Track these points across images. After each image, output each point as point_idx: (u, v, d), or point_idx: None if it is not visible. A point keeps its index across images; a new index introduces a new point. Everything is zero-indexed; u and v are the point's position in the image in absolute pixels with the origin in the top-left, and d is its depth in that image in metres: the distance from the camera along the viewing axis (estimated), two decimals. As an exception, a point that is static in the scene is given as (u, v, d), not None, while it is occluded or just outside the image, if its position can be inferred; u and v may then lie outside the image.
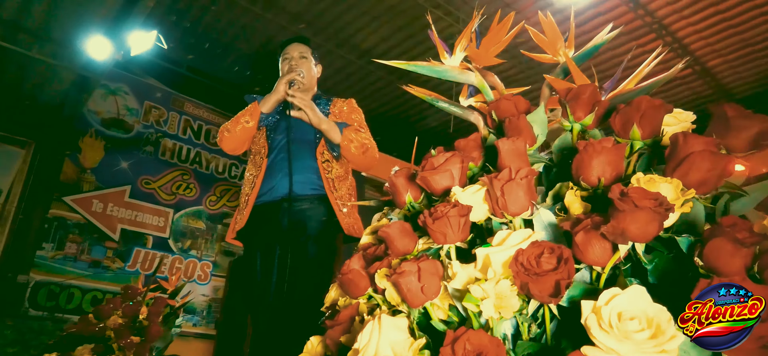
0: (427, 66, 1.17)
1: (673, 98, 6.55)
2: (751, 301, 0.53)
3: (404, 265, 0.72)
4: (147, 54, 4.23)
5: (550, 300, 0.60)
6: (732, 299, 0.56)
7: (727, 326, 0.54)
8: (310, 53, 2.44)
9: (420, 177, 0.91)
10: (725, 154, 0.70)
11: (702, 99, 6.44)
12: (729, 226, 0.58)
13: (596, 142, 0.75)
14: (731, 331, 0.54)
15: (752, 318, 0.53)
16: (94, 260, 5.86)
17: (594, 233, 0.63)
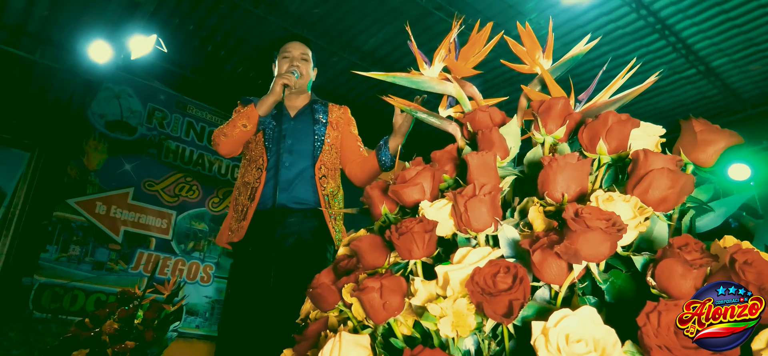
0: (406, 77, 1.17)
1: (678, 98, 6.51)
2: (751, 301, 0.53)
3: (367, 281, 0.72)
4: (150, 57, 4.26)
5: (503, 320, 0.60)
6: (731, 298, 0.56)
7: (728, 327, 0.54)
8: (310, 55, 2.40)
9: (392, 189, 0.91)
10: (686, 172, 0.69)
11: (707, 98, 6.39)
12: (680, 247, 0.58)
13: (561, 157, 0.75)
14: (733, 332, 0.54)
15: (753, 318, 0.53)
16: (97, 262, 5.92)
17: (550, 252, 0.63)
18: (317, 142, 2.20)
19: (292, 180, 2.14)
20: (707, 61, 5.70)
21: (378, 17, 5.68)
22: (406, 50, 6.20)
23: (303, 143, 2.20)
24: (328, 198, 2.13)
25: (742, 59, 5.63)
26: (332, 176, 2.20)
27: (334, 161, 2.23)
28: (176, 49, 5.95)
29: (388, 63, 6.45)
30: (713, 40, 5.39)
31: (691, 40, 5.41)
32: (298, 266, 2.03)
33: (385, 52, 6.24)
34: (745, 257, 0.53)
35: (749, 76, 5.93)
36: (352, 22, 5.75)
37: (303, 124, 2.26)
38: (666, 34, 5.29)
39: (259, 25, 5.81)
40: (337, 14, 5.65)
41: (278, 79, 2.13)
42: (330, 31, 5.92)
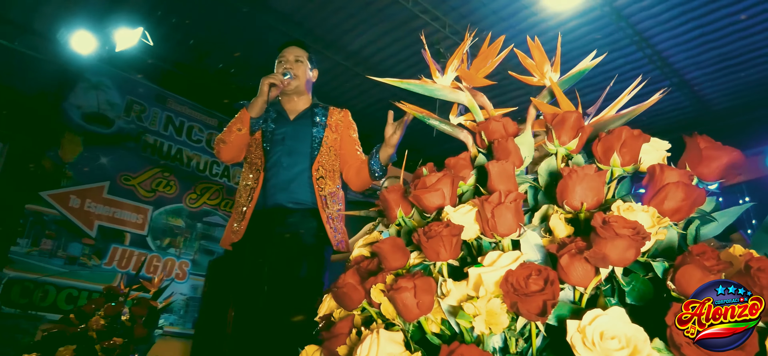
0: (419, 84, 1.21)
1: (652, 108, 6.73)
2: (751, 301, 0.57)
3: (401, 282, 0.76)
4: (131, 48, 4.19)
5: (537, 319, 0.65)
6: (731, 298, 0.59)
7: (729, 327, 0.57)
8: (307, 57, 2.41)
9: (413, 195, 0.96)
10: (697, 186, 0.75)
11: (679, 110, 6.62)
12: (698, 254, 0.63)
13: (579, 168, 0.80)
14: (734, 332, 0.57)
15: (754, 318, 0.57)
16: (70, 257, 5.80)
17: (577, 256, 0.68)
18: (315, 143, 2.22)
19: (290, 180, 2.15)
20: (681, 73, 5.91)
21: (364, 19, 5.72)
22: (391, 52, 6.25)
23: (301, 145, 2.22)
24: (325, 198, 2.15)
25: (715, 73, 5.85)
26: (331, 177, 2.22)
27: (332, 163, 2.25)
28: (158, 41, 5.86)
29: (372, 64, 6.49)
30: (688, 54, 5.59)
31: (666, 52, 5.60)
32: (296, 264, 2.05)
33: (370, 53, 6.28)
34: (759, 264, 0.59)
35: (720, 90, 6.17)
36: (338, 21, 5.77)
37: (301, 127, 2.28)
38: (643, 47, 5.47)
39: (245, 22, 5.78)
40: (324, 14, 5.66)
41: (265, 78, 2.15)
42: (315, 30, 5.93)
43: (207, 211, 6.88)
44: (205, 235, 6.81)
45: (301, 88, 2.32)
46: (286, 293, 1.94)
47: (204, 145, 7.00)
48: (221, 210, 6.99)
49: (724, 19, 5.05)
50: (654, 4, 5.02)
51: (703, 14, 5.03)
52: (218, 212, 6.96)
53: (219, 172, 7.08)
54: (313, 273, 2.07)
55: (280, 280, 1.97)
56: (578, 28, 5.39)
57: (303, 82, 2.32)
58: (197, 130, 6.99)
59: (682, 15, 5.08)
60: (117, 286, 2.63)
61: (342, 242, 2.19)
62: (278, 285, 1.95)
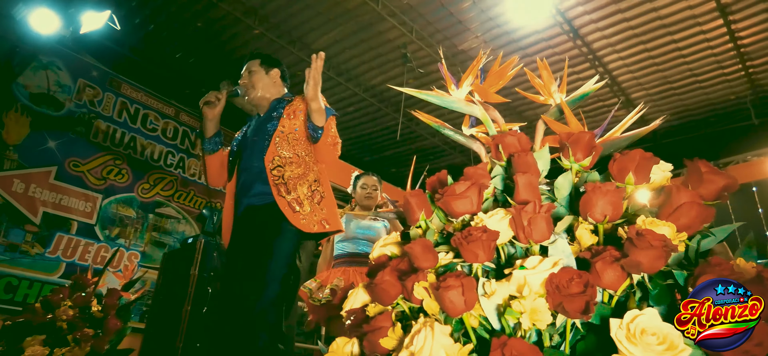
0: (436, 96, 1.29)
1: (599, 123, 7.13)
2: (751, 301, 0.66)
3: (449, 280, 0.84)
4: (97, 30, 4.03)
5: (581, 317, 0.75)
6: (731, 298, 0.66)
7: (729, 328, 0.66)
8: (259, 64, 2.44)
9: (442, 201, 1.03)
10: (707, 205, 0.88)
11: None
12: (716, 265, 0.75)
13: (602, 185, 0.91)
14: (734, 332, 0.65)
15: (754, 318, 0.66)
16: (11, 243, 5.49)
17: (610, 262, 0.78)
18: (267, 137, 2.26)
19: (252, 179, 2.21)
20: (628, 92, 6.30)
21: (331, 17, 5.74)
22: (355, 53, 6.30)
23: (260, 143, 2.27)
24: (287, 184, 2.19)
25: (657, 95, 6.27)
26: (293, 163, 2.23)
27: (294, 149, 2.27)
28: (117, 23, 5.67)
29: (335, 64, 6.53)
30: (635, 75, 5.97)
31: (616, 72, 5.96)
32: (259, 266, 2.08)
33: (334, 52, 6.31)
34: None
35: (661, 110, 6.62)
36: (306, 18, 5.77)
37: (261, 126, 2.34)
38: (596, 65, 5.79)
39: (208, 11, 5.67)
40: (291, 9, 5.64)
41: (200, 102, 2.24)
42: (281, 25, 5.90)
43: (160, 202, 6.69)
44: (157, 227, 6.62)
45: (263, 95, 2.37)
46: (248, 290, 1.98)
47: (159, 134, 6.80)
48: (174, 202, 6.81)
49: (669, 44, 5.44)
50: (607, 27, 5.35)
51: (650, 39, 5.40)
52: (171, 203, 6.78)
53: (174, 163, 6.89)
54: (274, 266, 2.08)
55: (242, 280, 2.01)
56: (538, 43, 5.65)
57: (260, 90, 2.37)
58: (152, 118, 6.78)
59: (631, 38, 5.44)
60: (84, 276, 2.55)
61: (321, 221, 2.21)
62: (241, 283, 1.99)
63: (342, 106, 7.26)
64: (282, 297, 2.06)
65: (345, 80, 6.72)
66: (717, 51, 5.44)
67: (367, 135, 8.04)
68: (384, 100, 7.09)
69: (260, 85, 2.37)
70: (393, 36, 5.90)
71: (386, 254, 1.14)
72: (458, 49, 5.93)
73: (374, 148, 8.43)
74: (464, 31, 5.73)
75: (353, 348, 0.99)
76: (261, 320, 1.96)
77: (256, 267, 2.02)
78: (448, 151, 8.05)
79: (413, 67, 6.04)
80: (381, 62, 6.42)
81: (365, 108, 7.26)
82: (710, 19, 5.05)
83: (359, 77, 6.75)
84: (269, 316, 1.99)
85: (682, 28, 5.17)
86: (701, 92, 6.16)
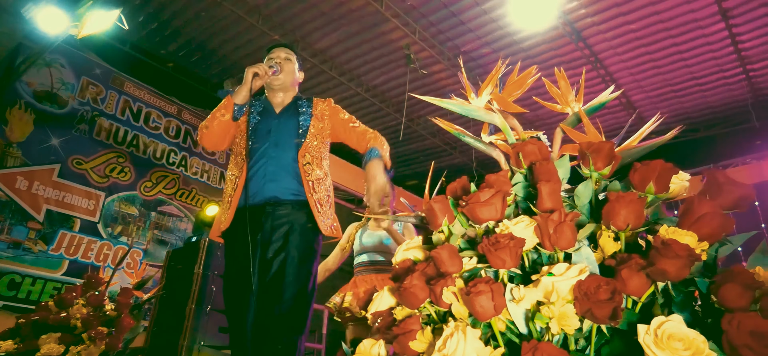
0: (456, 103, 1.32)
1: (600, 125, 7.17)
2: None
3: (479, 286, 0.87)
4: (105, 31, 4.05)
5: (609, 322, 0.78)
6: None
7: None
8: (295, 58, 2.48)
9: (467, 208, 1.07)
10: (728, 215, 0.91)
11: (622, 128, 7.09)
12: (738, 274, 0.79)
13: (624, 195, 0.94)
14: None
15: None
16: (14, 241, 5.52)
17: (635, 270, 0.82)
18: (301, 131, 2.27)
19: (278, 170, 2.20)
20: (628, 94, 6.34)
21: (334, 18, 5.77)
22: (357, 53, 6.33)
23: (287, 135, 2.26)
24: (313, 183, 2.21)
25: (658, 97, 6.32)
26: (318, 164, 2.27)
27: (319, 149, 2.30)
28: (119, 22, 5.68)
29: (338, 64, 6.55)
30: (636, 77, 6.02)
31: (617, 74, 6.00)
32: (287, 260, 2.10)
33: (337, 52, 6.34)
34: (790, 285, 0.75)
35: (659, 111, 6.67)
36: (309, 18, 5.80)
37: (288, 118, 2.33)
38: (597, 67, 5.83)
39: (211, 9, 5.70)
40: (294, 9, 5.67)
41: (249, 68, 2.21)
42: (284, 25, 5.93)
43: (162, 200, 6.71)
44: (159, 225, 6.64)
45: (287, 85, 2.37)
46: (277, 286, 1.99)
47: (161, 132, 6.82)
48: (176, 200, 6.84)
49: (670, 47, 5.49)
50: (609, 29, 5.39)
51: (651, 42, 5.45)
52: (173, 202, 6.81)
53: (176, 161, 6.91)
54: (303, 265, 2.10)
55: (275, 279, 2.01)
56: (540, 45, 5.69)
57: (289, 80, 2.38)
58: (155, 116, 6.79)
59: (633, 41, 5.48)
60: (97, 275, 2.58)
61: (333, 226, 2.25)
62: (273, 282, 2.00)
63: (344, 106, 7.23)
64: (309, 299, 2.08)
65: (347, 80, 6.74)
66: (718, 54, 5.49)
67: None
68: (386, 101, 7.12)
69: (290, 75, 2.39)
70: (396, 37, 5.93)
71: (410, 258, 1.18)
72: (461, 50, 5.96)
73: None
74: (467, 32, 5.77)
75: (380, 351, 1.02)
76: (289, 322, 1.97)
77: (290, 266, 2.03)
78: (448, 151, 8.09)
79: (416, 67, 6.07)
80: (383, 63, 6.45)
81: (367, 108, 7.29)
82: (712, 23, 5.10)
83: (361, 77, 6.78)
84: (296, 320, 2.00)
85: (684, 31, 5.22)
86: (701, 95, 6.21)
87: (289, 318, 1.96)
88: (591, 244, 0.99)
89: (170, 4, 5.69)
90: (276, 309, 1.97)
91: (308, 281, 2.07)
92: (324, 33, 6.07)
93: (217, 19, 5.87)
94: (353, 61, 6.54)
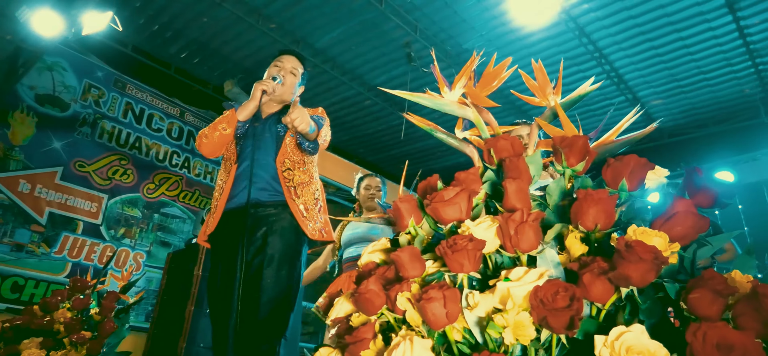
0: (428, 98, 1.26)
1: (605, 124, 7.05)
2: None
3: (431, 292, 0.81)
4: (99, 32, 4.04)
5: (565, 332, 0.71)
6: None
7: None
8: (301, 73, 2.46)
9: (430, 207, 1.00)
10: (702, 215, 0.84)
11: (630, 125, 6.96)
12: (709, 279, 0.71)
13: (594, 192, 0.87)
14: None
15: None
16: (17, 244, 5.53)
17: (599, 275, 0.75)
18: (278, 140, 2.25)
19: (261, 174, 2.20)
20: (635, 90, 6.21)
21: (335, 17, 5.72)
22: (359, 52, 6.27)
23: (268, 141, 2.26)
24: (294, 189, 2.20)
25: (665, 92, 6.19)
26: (301, 170, 2.26)
27: (301, 156, 2.29)
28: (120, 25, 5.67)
29: (340, 63, 6.50)
30: (641, 72, 5.89)
31: (622, 69, 5.88)
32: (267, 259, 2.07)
33: (338, 51, 6.29)
34: (765, 290, 0.67)
35: (668, 108, 6.53)
36: (309, 18, 5.75)
37: (271, 124, 2.34)
38: (602, 63, 5.72)
39: (211, 10, 5.67)
40: (295, 9, 5.62)
41: (258, 84, 2.23)
42: (285, 25, 5.88)
43: (165, 202, 6.70)
44: (161, 227, 6.64)
45: (285, 98, 2.36)
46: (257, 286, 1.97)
47: (164, 134, 6.81)
48: (179, 202, 6.83)
49: (676, 41, 5.36)
50: (613, 24, 5.27)
51: (657, 37, 5.32)
52: (176, 204, 6.80)
53: (179, 163, 6.90)
54: (282, 264, 2.09)
55: (251, 274, 1.99)
56: (543, 41, 5.59)
57: (287, 95, 2.37)
58: (157, 118, 6.79)
59: (638, 35, 5.36)
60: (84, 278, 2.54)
61: (323, 231, 2.23)
62: (251, 285, 1.97)
63: (346, 106, 7.23)
64: (290, 303, 2.06)
65: (349, 79, 6.69)
66: (725, 47, 5.35)
67: (371, 134, 8.00)
68: (389, 99, 7.05)
69: (290, 90, 2.38)
70: (397, 35, 5.86)
71: (374, 261, 1.11)
72: (463, 48, 5.88)
73: (379, 147, 8.39)
74: (469, 29, 5.69)
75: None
76: (267, 326, 1.95)
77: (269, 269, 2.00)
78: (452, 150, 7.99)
79: (417, 66, 6.00)
80: (385, 61, 6.39)
81: (369, 107, 7.23)
82: (718, 16, 4.97)
83: (364, 76, 6.72)
84: (275, 324, 1.98)
85: (690, 24, 5.09)
86: (709, 89, 6.07)
87: (267, 323, 1.95)
88: (558, 246, 0.92)
89: (170, 6, 5.67)
90: (254, 313, 1.95)
91: (288, 284, 2.05)
92: (325, 32, 6.01)
93: (218, 21, 5.85)
94: (356, 60, 6.49)
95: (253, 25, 5.74)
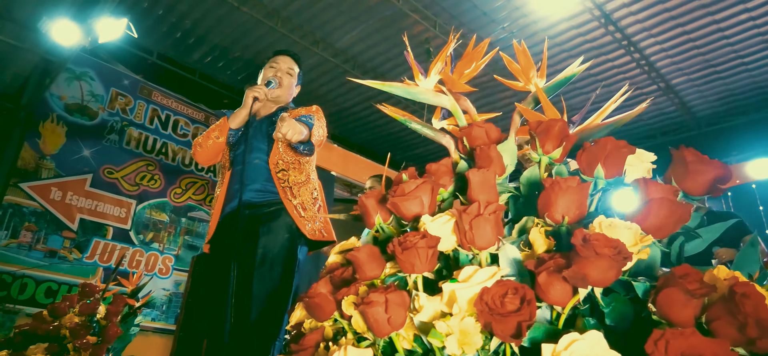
0: (401, 87, 1.17)
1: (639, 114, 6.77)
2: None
3: (372, 295, 0.72)
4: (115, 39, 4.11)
5: (511, 341, 0.62)
6: None
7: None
8: (297, 73, 2.43)
9: (390, 202, 0.92)
10: (683, 202, 0.73)
11: (665, 115, 6.65)
12: (681, 276, 0.61)
13: (562, 180, 0.77)
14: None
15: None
16: (50, 250, 5.68)
17: (556, 275, 0.65)
18: (270, 140, 2.22)
19: (254, 175, 2.18)
20: (667, 78, 5.93)
21: (354, 16, 5.67)
22: (379, 50, 6.21)
23: (261, 143, 2.24)
24: (291, 189, 2.16)
25: (700, 79, 5.88)
26: (296, 169, 2.21)
27: (295, 156, 2.24)
28: (143, 33, 5.78)
29: (360, 62, 6.45)
30: (674, 59, 5.61)
31: (653, 57, 5.62)
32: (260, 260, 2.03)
33: (358, 50, 6.24)
34: (743, 290, 0.56)
35: (704, 96, 6.21)
36: (328, 18, 5.72)
37: (262, 126, 2.30)
38: (631, 51, 5.48)
39: (231, 15, 5.70)
40: (313, 10, 5.60)
41: (249, 91, 2.20)
42: (304, 26, 5.87)
43: (191, 206, 6.80)
44: (189, 230, 6.73)
45: (282, 100, 2.33)
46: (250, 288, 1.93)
47: (190, 139, 6.91)
48: (206, 206, 6.91)
49: (710, 25, 5.07)
50: (641, 10, 5.03)
51: (688, 21, 5.05)
52: (203, 207, 6.88)
53: (204, 168, 6.99)
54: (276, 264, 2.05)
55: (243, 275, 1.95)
56: (567, 31, 5.39)
57: (284, 96, 2.35)
58: (183, 123, 6.89)
59: (668, 20, 5.10)
60: (93, 283, 2.56)
61: (322, 230, 2.18)
62: (244, 285, 1.94)
63: (367, 106, 7.18)
64: (284, 303, 2.02)
65: (371, 78, 6.63)
66: (763, 29, 5.03)
67: (396, 133, 7.93)
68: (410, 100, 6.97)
69: (287, 91, 2.36)
70: (417, 31, 5.76)
71: (338, 262, 1.04)
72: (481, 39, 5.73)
73: (403, 146, 8.31)
74: (490, 22, 5.54)
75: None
76: (260, 327, 1.92)
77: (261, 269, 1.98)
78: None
79: (437, 61, 5.89)
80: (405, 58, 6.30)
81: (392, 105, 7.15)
82: (755, -6, 4.68)
83: (385, 75, 6.64)
84: (268, 324, 1.95)
85: (724, 7, 4.81)
86: (748, 75, 5.73)
87: (260, 323, 1.91)
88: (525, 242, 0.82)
89: (191, 13, 5.73)
90: (247, 314, 1.92)
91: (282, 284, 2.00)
92: (344, 31, 5.98)
93: (238, 25, 5.88)
94: (376, 59, 6.43)
95: (273, 28, 5.75)
